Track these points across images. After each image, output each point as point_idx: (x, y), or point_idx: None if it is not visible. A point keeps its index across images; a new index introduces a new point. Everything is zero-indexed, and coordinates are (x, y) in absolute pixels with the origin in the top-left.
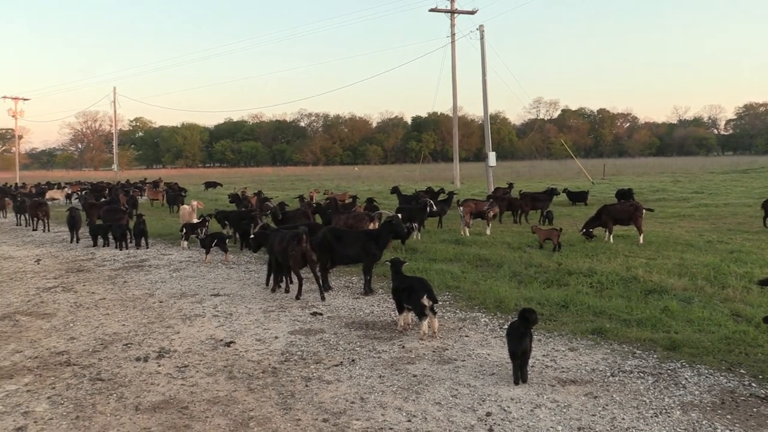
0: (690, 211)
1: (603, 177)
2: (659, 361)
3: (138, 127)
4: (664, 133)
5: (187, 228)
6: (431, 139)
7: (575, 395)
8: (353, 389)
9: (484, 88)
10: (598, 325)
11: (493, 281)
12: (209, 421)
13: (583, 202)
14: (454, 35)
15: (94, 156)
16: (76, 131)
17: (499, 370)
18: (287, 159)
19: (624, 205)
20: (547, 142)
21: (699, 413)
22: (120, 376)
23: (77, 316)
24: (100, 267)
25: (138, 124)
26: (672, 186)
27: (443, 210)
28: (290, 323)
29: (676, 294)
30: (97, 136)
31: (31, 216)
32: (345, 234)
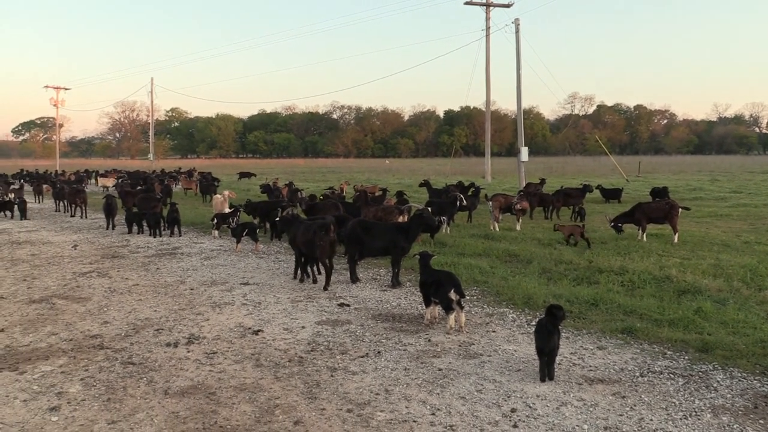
0: (727, 211)
1: (638, 174)
2: (690, 362)
3: (174, 117)
4: (703, 131)
5: (219, 218)
6: (463, 134)
7: (602, 394)
8: (378, 381)
9: (518, 83)
10: (629, 324)
11: (521, 277)
12: (235, 408)
13: (616, 199)
14: (489, 28)
15: (131, 145)
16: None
17: (525, 367)
18: (319, 151)
19: (659, 203)
20: (581, 138)
21: (730, 417)
22: (150, 361)
23: (111, 301)
24: (134, 254)
25: (174, 114)
26: (709, 185)
27: (473, 204)
28: (317, 314)
29: (710, 295)
30: (134, 126)
31: (69, 203)
32: (374, 226)
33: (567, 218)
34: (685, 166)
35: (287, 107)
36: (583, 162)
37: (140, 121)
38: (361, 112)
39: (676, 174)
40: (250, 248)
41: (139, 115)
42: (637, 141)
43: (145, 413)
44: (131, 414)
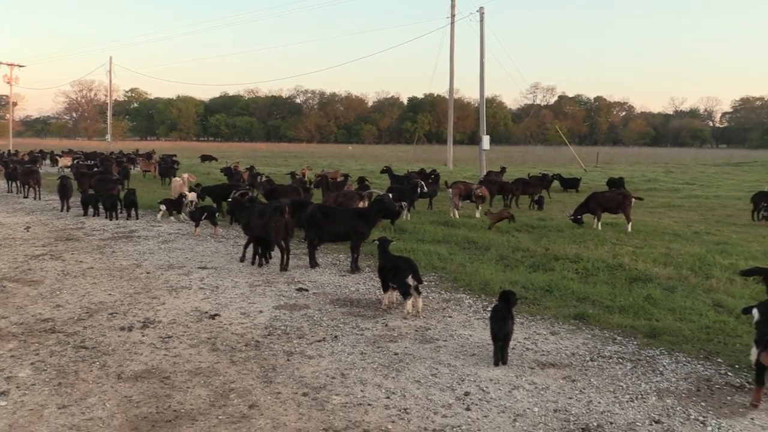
0: (680, 202)
1: (596, 165)
2: (639, 347)
3: (133, 98)
4: (660, 124)
5: (168, 204)
6: (426, 121)
7: (553, 378)
8: (334, 365)
9: (481, 71)
10: (581, 310)
11: (479, 264)
12: (190, 392)
13: (574, 189)
14: (454, 16)
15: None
16: (71, 100)
17: (479, 351)
18: (281, 135)
19: (613, 193)
20: (542, 127)
21: (674, 399)
22: (104, 345)
23: (64, 285)
24: (89, 236)
25: (133, 95)
26: (664, 176)
27: (434, 191)
28: (275, 298)
29: (660, 283)
30: (91, 106)
31: (22, 183)
32: (334, 211)
33: (526, 206)
34: (641, 157)
35: (250, 90)
36: (544, 151)
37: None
38: (325, 97)
39: (632, 165)
40: (209, 232)
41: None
42: (596, 132)
43: (98, 397)
44: (83, 398)
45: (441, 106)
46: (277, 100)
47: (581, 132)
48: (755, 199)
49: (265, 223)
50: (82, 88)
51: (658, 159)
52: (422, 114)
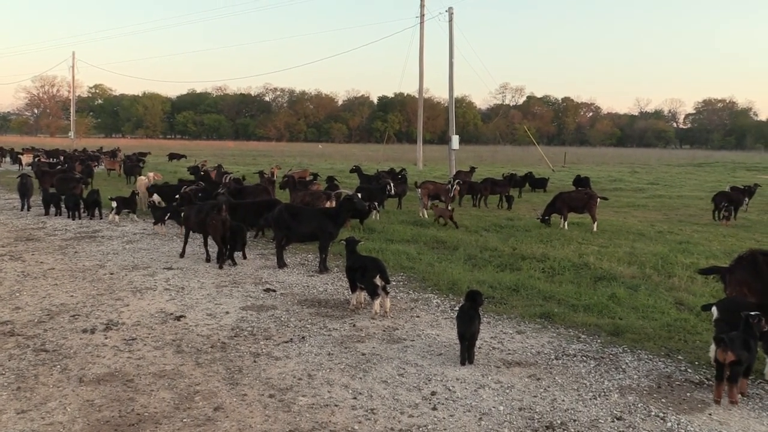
0: (644, 202)
1: (564, 165)
2: (602, 345)
3: (97, 94)
4: (626, 124)
5: (119, 202)
6: (396, 120)
7: (519, 377)
8: (301, 366)
9: (450, 71)
10: (547, 309)
11: (447, 263)
12: (154, 395)
13: (542, 188)
14: (423, 16)
15: (51, 122)
16: (32, 96)
17: (446, 351)
18: (250, 134)
19: (579, 193)
20: (511, 128)
21: (636, 396)
22: (65, 348)
23: (24, 286)
24: (51, 236)
25: (97, 91)
26: (629, 176)
27: (403, 191)
28: (242, 299)
29: (624, 281)
30: (54, 102)
31: None
32: (302, 211)
33: (494, 205)
34: (607, 157)
35: (218, 88)
36: (513, 151)
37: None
38: (295, 95)
39: (599, 165)
40: (175, 232)
41: (60, 90)
42: (563, 132)
43: (58, 402)
44: (43, 403)
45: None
46: (245, 98)
47: (549, 132)
48: (716, 199)
49: (202, 220)
50: (44, 84)
51: (623, 159)
52: (392, 113)
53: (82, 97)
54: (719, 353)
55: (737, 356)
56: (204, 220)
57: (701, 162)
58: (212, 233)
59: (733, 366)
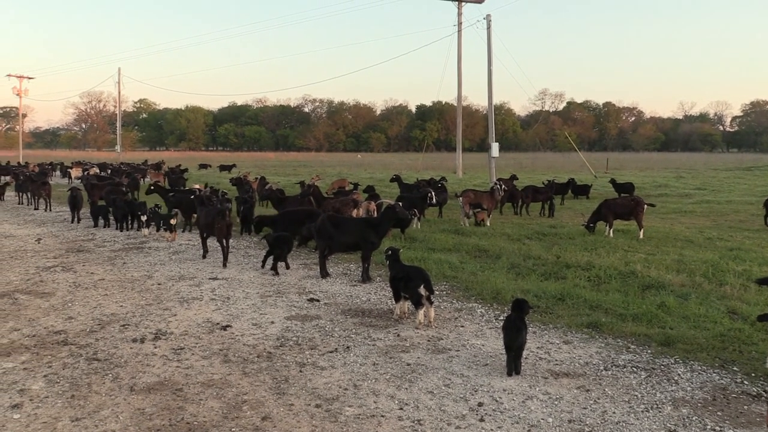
0: (691, 208)
1: (606, 171)
2: (653, 356)
3: (142, 108)
4: (669, 129)
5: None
6: (435, 128)
7: (567, 388)
8: (347, 376)
9: (489, 79)
10: (594, 318)
11: (490, 272)
12: (203, 404)
13: (585, 195)
14: (461, 24)
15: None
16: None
17: (492, 361)
18: (290, 144)
19: (625, 199)
20: (551, 134)
21: (690, 409)
22: (116, 357)
23: (76, 296)
24: (101, 248)
25: (142, 105)
26: (675, 182)
27: (444, 199)
28: (287, 309)
29: (673, 290)
30: (100, 117)
31: (33, 195)
32: (344, 221)
33: (536, 213)
34: (651, 162)
35: (258, 100)
36: (553, 158)
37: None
38: (333, 105)
39: (642, 170)
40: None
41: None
42: (605, 138)
43: (110, 410)
44: (96, 411)
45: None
46: (285, 109)
47: (590, 138)
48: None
49: (209, 224)
50: (92, 99)
51: (668, 164)
52: (431, 121)
53: (127, 111)
54: None
55: None
56: (210, 224)
57: (750, 165)
58: (217, 235)
59: None
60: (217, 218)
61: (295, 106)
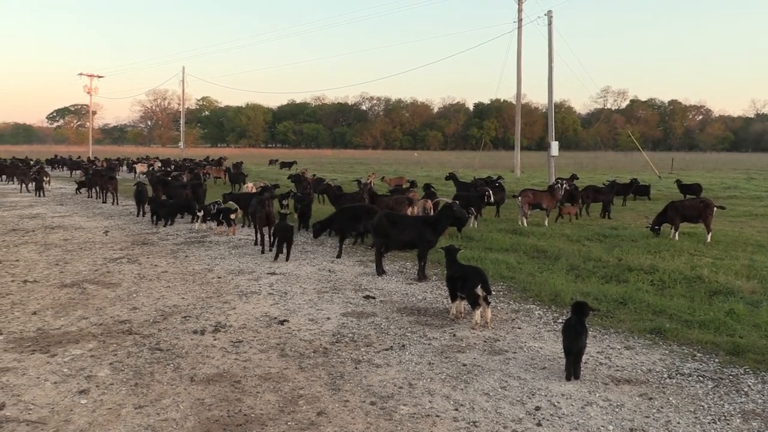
0: (763, 211)
1: (671, 171)
2: (721, 365)
3: (204, 106)
4: (740, 128)
5: (204, 210)
6: (492, 127)
7: (629, 395)
8: (402, 374)
9: (549, 76)
10: (658, 324)
11: (549, 273)
12: (260, 397)
13: (645, 196)
14: (521, 20)
15: (162, 133)
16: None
17: (550, 365)
18: (347, 142)
19: (693, 201)
20: (613, 133)
21: (761, 423)
22: (178, 347)
23: (140, 287)
24: (164, 241)
25: (204, 103)
26: (745, 183)
27: (501, 199)
28: (343, 305)
29: (743, 297)
30: (165, 114)
31: (101, 189)
32: (401, 219)
33: (596, 214)
34: (720, 163)
35: (316, 98)
36: (615, 157)
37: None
38: (390, 103)
39: (710, 171)
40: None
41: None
42: (670, 137)
43: (172, 399)
44: (158, 399)
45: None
46: (343, 107)
47: (655, 137)
48: None
49: (252, 213)
50: (157, 97)
51: (738, 165)
52: (488, 120)
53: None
54: None
55: None
56: (253, 214)
57: None
58: (258, 224)
59: None
60: (258, 207)
61: (353, 104)
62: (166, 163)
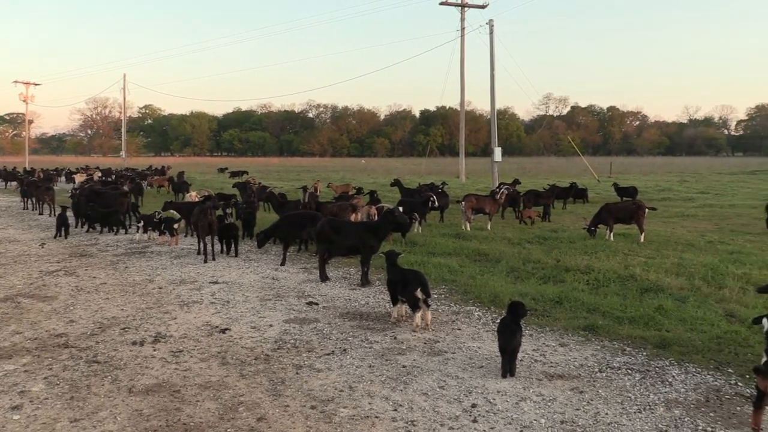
0: (694, 211)
1: (609, 175)
2: (648, 358)
3: (147, 114)
4: (674, 133)
5: (145, 220)
6: (438, 133)
7: (561, 389)
8: (343, 378)
9: (491, 84)
10: (591, 321)
11: (489, 276)
12: (200, 405)
13: (583, 199)
14: (464, 29)
15: (103, 142)
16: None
17: (488, 363)
18: (294, 150)
19: (626, 203)
20: (555, 138)
21: (682, 410)
22: (116, 359)
23: (77, 300)
24: (103, 252)
25: (147, 111)
26: (678, 186)
27: (445, 204)
28: (286, 312)
29: (671, 293)
30: (106, 123)
31: (37, 200)
32: (344, 225)
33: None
34: (656, 167)
35: (263, 105)
36: (557, 162)
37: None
38: (337, 111)
39: (646, 174)
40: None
41: (112, 111)
42: (609, 142)
43: (109, 411)
44: (94, 412)
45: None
46: (289, 114)
47: (594, 142)
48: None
49: (194, 222)
50: (97, 106)
51: (672, 168)
52: (434, 126)
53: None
54: (760, 381)
55: None
56: (195, 223)
57: (755, 169)
58: (200, 232)
59: None
60: (200, 216)
61: (300, 112)
62: (106, 172)
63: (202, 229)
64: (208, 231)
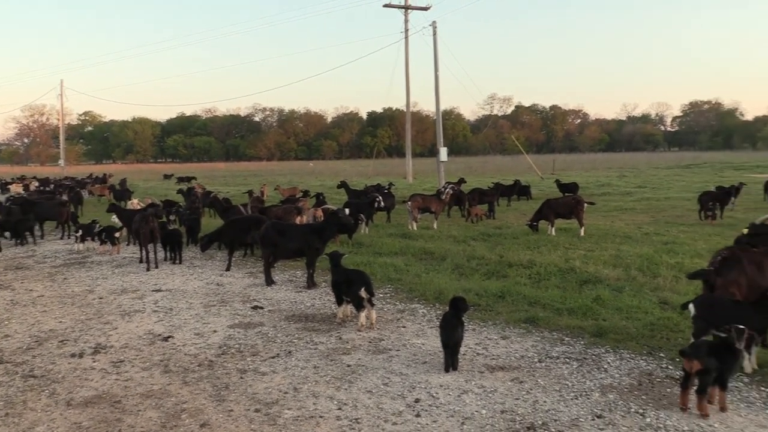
0: (632, 205)
1: (552, 172)
2: (585, 347)
3: (87, 121)
4: (614, 130)
5: (83, 229)
6: (386, 135)
7: (502, 381)
8: (287, 380)
9: (436, 84)
10: (532, 314)
11: (434, 274)
12: (141, 415)
13: (526, 196)
14: (408, 31)
15: (41, 151)
16: (21, 125)
17: (431, 359)
18: (241, 154)
19: (566, 198)
20: (500, 137)
21: (616, 394)
22: (53, 373)
23: (13, 314)
24: (41, 264)
25: (87, 118)
26: (617, 181)
27: (391, 204)
28: (230, 317)
29: (609, 284)
30: (43, 131)
31: None
32: (288, 228)
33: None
34: (597, 163)
35: (207, 110)
36: (502, 161)
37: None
38: (284, 114)
39: (588, 171)
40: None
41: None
42: (553, 140)
43: (46, 426)
44: (31, 428)
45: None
46: (235, 118)
47: (538, 140)
48: (702, 199)
49: (136, 230)
50: (33, 113)
51: (612, 164)
52: (381, 128)
53: (71, 124)
54: (685, 363)
55: (704, 365)
56: (137, 230)
57: (689, 163)
58: (142, 241)
59: (701, 376)
60: (142, 224)
61: (245, 116)
62: (44, 182)
63: (143, 236)
64: (150, 238)
